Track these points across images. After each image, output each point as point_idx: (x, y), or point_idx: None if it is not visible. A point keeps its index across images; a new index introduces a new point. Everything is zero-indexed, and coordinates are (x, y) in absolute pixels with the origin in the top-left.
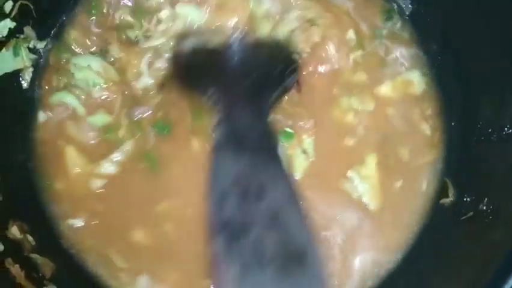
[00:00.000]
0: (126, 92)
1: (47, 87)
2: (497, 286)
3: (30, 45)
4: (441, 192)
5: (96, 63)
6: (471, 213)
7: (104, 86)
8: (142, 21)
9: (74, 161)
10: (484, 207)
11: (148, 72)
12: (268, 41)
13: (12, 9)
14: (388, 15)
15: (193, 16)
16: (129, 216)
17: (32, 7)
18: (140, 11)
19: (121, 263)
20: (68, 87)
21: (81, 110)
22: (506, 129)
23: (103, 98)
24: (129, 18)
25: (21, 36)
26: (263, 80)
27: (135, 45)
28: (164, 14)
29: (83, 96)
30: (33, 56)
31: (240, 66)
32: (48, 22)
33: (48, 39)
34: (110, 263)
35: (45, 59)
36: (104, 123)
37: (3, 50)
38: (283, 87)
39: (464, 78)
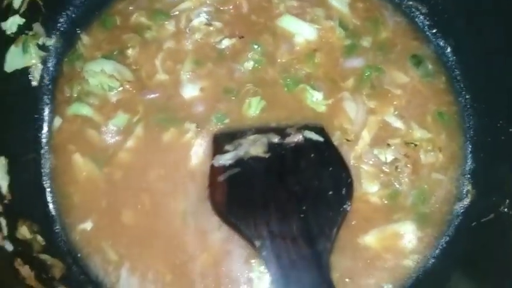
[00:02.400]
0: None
1: (61, 97)
2: None
3: (40, 42)
4: (462, 194)
5: (109, 67)
6: (492, 215)
7: (120, 89)
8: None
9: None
10: (506, 210)
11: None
12: (315, 141)
13: (21, 6)
14: None
15: None
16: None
17: (41, 3)
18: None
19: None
20: (82, 97)
21: (98, 118)
22: None
23: (119, 99)
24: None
25: (30, 33)
26: (317, 207)
27: (151, 45)
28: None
29: (98, 104)
30: (42, 53)
31: (285, 188)
32: (57, 19)
33: (58, 35)
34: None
35: (57, 67)
36: (124, 124)
37: (13, 46)
38: (342, 211)
39: (484, 76)
